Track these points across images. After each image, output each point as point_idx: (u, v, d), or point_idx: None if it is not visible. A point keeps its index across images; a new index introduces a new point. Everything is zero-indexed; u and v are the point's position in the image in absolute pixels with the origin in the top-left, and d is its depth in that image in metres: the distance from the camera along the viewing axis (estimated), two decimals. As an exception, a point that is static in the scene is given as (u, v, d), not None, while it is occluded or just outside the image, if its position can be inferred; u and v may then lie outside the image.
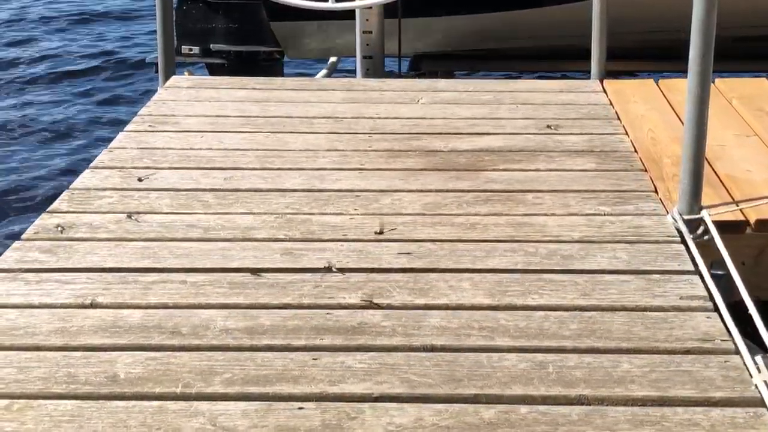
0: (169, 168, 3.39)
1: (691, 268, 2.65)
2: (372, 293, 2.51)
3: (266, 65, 5.83)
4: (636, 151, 3.54)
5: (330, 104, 4.09)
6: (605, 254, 2.73)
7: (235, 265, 2.68)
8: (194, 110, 4.02)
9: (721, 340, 2.28)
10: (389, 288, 2.54)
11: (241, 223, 2.95)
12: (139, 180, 2.96)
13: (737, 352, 2.23)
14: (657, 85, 4.30)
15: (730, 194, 3.14)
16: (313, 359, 2.22)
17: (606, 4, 4.28)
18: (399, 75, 5.50)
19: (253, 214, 3.02)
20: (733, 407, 2.04)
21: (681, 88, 3.49)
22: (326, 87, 4.42)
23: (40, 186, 5.91)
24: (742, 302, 2.47)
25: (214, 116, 3.95)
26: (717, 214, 2.92)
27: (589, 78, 4.42)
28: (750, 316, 2.40)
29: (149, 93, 4.76)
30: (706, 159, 2.94)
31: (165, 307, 2.46)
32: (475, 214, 3.01)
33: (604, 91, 4.23)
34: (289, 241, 2.83)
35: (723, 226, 2.87)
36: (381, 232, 2.77)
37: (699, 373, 2.16)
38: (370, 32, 5.04)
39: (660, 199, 3.11)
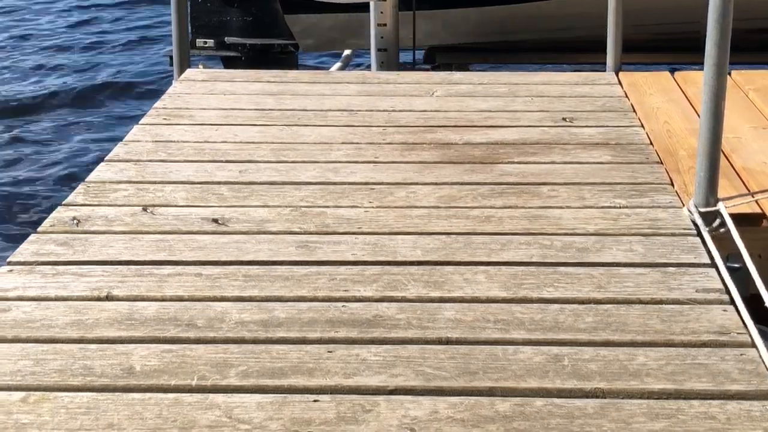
0: (184, 161, 3.40)
1: (708, 260, 2.63)
2: (387, 286, 2.51)
3: (281, 58, 5.83)
4: (652, 143, 3.53)
5: (344, 97, 4.09)
6: (621, 247, 2.72)
7: (250, 257, 2.68)
8: (209, 103, 4.03)
9: (738, 333, 2.27)
10: (404, 281, 2.54)
11: (256, 216, 2.95)
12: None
13: (753, 345, 2.22)
14: (673, 77, 4.29)
15: (746, 186, 3.13)
16: (328, 352, 2.22)
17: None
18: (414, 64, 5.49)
19: (268, 207, 3.02)
20: (749, 400, 2.03)
21: (697, 81, 3.48)
22: (341, 80, 4.42)
23: (57, 179, 5.94)
24: (758, 295, 2.46)
25: (229, 109, 3.95)
26: (733, 206, 2.90)
27: (604, 70, 4.40)
28: (767, 309, 2.39)
29: (164, 86, 4.77)
30: (723, 151, 2.93)
31: (180, 299, 2.46)
32: (490, 207, 3.00)
33: (620, 84, 4.22)
34: (303, 233, 2.83)
35: (739, 219, 2.86)
36: None
37: (715, 366, 2.15)
38: (385, 25, 5.03)
39: (676, 192, 3.10)
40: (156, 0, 10.03)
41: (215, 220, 2.91)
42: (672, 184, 3.17)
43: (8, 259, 2.67)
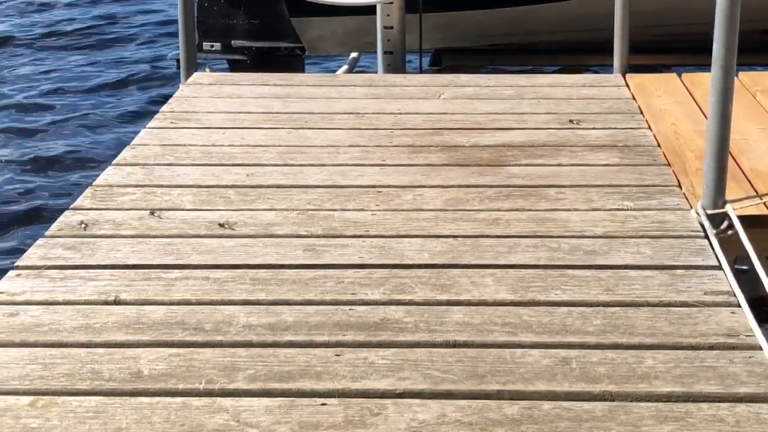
0: (191, 164, 3.40)
1: (716, 263, 2.63)
2: (394, 289, 2.51)
3: (287, 61, 5.84)
4: (659, 145, 3.52)
5: (351, 100, 4.09)
6: (629, 249, 2.72)
7: (257, 261, 2.68)
8: (216, 107, 4.03)
9: (746, 336, 2.27)
10: (411, 284, 2.54)
11: (263, 219, 2.96)
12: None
13: (762, 347, 2.22)
14: (680, 79, 4.28)
15: (754, 188, 3.12)
16: (336, 355, 2.22)
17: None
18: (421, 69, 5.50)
19: (275, 210, 3.02)
20: (758, 403, 2.03)
21: (704, 82, 3.47)
22: (347, 83, 4.42)
23: (64, 183, 5.95)
24: (767, 297, 2.46)
25: (236, 112, 3.95)
26: (741, 208, 2.90)
27: (611, 72, 4.40)
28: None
29: (171, 90, 4.77)
30: (730, 153, 2.92)
31: (188, 303, 2.46)
32: (498, 210, 3.00)
33: (627, 86, 4.21)
34: (310, 237, 2.83)
35: (747, 221, 2.85)
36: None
37: (724, 369, 2.14)
38: (391, 27, 5.03)
39: (683, 194, 3.10)
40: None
41: (222, 224, 2.91)
42: (679, 186, 3.16)
43: (16, 263, 2.67)
